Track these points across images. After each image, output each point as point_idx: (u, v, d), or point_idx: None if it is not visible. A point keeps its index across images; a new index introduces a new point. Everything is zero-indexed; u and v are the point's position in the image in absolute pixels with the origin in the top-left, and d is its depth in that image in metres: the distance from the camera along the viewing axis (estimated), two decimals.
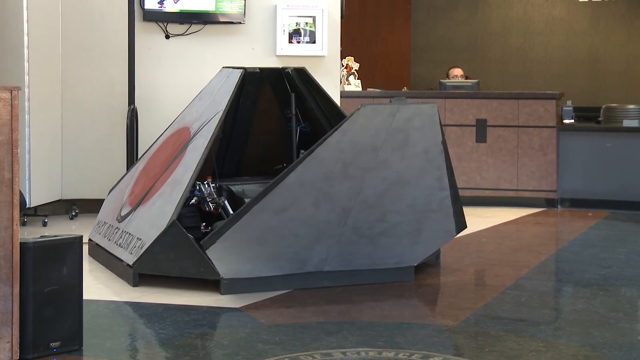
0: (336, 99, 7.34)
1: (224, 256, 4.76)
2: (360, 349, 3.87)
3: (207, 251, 4.74)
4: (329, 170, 4.53)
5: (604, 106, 9.23)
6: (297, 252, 4.82)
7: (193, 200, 5.41)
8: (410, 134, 4.59)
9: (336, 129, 4.46)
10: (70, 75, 7.53)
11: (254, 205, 4.57)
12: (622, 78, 12.83)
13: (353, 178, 4.59)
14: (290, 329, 4.18)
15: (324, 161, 4.51)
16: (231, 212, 5.27)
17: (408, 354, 3.78)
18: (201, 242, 4.76)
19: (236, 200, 5.38)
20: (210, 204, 5.38)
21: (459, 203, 5.03)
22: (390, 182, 4.71)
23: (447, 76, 10.24)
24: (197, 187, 5.43)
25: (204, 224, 5.41)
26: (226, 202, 5.35)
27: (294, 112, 5.74)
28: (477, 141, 8.64)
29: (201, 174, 5.31)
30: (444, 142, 4.73)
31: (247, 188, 5.48)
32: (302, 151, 5.72)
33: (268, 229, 4.67)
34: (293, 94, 5.74)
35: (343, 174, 4.55)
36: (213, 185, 5.44)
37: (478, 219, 7.74)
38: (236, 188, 5.47)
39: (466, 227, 4.93)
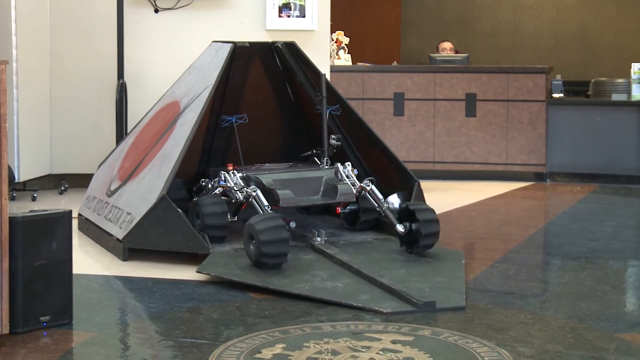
0: (326, 73, 7.32)
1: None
2: (350, 322, 3.90)
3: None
4: None
5: (593, 80, 9.25)
6: None
7: (216, 191, 5.19)
8: None
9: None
10: (59, 49, 7.49)
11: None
12: (612, 52, 12.84)
13: None
14: (280, 302, 4.20)
15: None
16: (266, 203, 4.91)
17: (397, 327, 3.80)
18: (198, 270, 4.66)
19: (266, 192, 5.01)
20: (239, 194, 5.06)
21: None
22: None
23: (437, 50, 10.22)
24: (223, 177, 5.18)
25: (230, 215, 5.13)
26: (259, 192, 4.97)
27: (324, 94, 5.50)
28: (466, 115, 8.65)
29: (191, 148, 5.29)
30: None
31: (276, 178, 5.14)
32: (333, 136, 5.42)
33: None
34: (324, 74, 5.53)
35: None
36: (239, 175, 5.16)
37: (467, 193, 7.78)
38: (266, 179, 5.11)
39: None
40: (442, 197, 7.31)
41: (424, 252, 4.95)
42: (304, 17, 7.55)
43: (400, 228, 4.88)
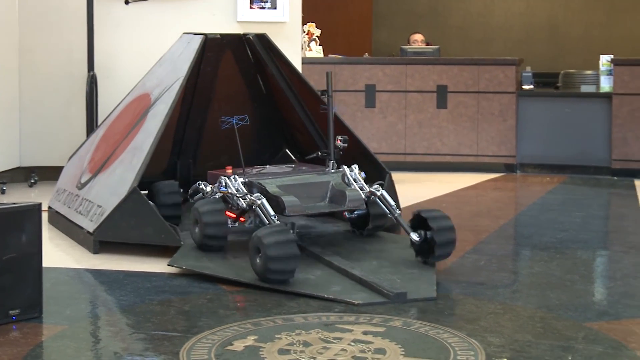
0: (297, 65, 7.32)
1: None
2: (322, 313, 3.91)
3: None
4: None
5: (562, 72, 9.33)
6: None
7: (217, 195, 4.90)
8: None
9: None
10: (28, 42, 7.42)
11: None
12: (581, 44, 12.96)
13: None
14: (251, 294, 4.21)
15: None
16: (272, 212, 4.55)
17: (369, 318, 3.82)
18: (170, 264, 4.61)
19: (271, 199, 4.66)
20: (242, 201, 4.71)
21: None
22: None
23: (408, 42, 10.26)
24: (223, 182, 4.87)
25: (233, 217, 4.84)
26: (264, 200, 4.60)
27: (330, 92, 5.19)
28: (437, 107, 8.69)
29: (162, 140, 5.27)
30: None
31: (280, 183, 4.79)
32: (339, 138, 5.14)
33: None
34: (330, 72, 5.26)
35: None
36: (241, 180, 4.84)
37: (438, 185, 7.82)
38: (270, 186, 4.75)
39: None
40: (413, 189, 7.34)
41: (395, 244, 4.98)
42: (275, 8, 7.54)
43: (414, 237, 4.57)
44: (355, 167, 5.02)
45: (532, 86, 8.89)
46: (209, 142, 6.08)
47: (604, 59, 8.52)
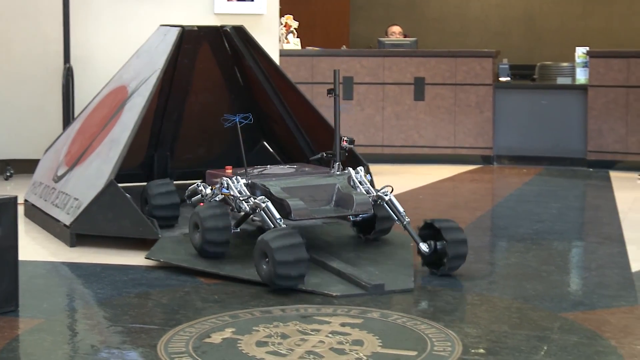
0: (275, 57, 7.32)
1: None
2: (300, 305, 3.92)
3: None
4: None
5: (538, 64, 9.39)
6: None
7: (218, 197, 4.65)
8: None
9: None
10: (3, 33, 7.36)
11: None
12: (557, 36, 13.03)
13: None
14: (229, 287, 4.21)
15: None
16: (278, 216, 4.31)
17: (346, 310, 3.84)
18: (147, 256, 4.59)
19: (275, 202, 4.40)
20: (245, 204, 4.47)
21: None
22: None
23: (386, 34, 10.27)
24: (225, 184, 4.60)
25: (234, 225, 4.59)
26: (269, 203, 4.35)
27: (337, 92, 4.95)
28: (415, 99, 8.71)
29: (139, 133, 5.25)
30: None
31: (285, 185, 4.54)
32: (345, 139, 4.94)
33: None
34: (338, 70, 4.96)
35: None
36: (244, 181, 4.59)
37: (416, 177, 7.85)
38: (274, 188, 4.49)
39: None
40: (391, 181, 7.28)
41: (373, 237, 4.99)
42: (253, 1, 7.52)
43: (424, 248, 4.39)
44: (360, 169, 4.81)
45: (508, 78, 8.94)
46: (186, 135, 6.07)
47: (580, 51, 8.57)
